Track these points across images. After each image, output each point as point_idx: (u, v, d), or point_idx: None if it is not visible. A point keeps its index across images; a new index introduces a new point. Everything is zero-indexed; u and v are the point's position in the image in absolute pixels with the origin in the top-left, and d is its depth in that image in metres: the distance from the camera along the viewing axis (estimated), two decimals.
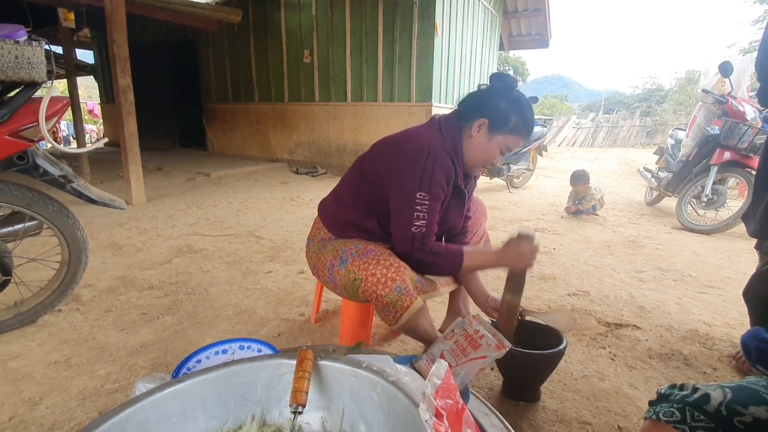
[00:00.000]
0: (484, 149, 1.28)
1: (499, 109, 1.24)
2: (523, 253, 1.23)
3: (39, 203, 1.57)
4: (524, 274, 1.28)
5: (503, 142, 1.27)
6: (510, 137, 1.26)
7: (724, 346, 1.72)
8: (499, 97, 1.25)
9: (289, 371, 0.82)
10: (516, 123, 1.24)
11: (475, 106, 1.28)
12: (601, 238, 3.35)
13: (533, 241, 1.23)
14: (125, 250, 2.71)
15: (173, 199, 4.29)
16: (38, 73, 1.34)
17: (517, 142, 1.28)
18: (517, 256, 1.24)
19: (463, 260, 1.26)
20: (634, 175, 7.01)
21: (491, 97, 1.26)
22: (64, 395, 1.31)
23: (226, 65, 7.39)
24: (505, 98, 1.25)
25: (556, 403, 1.33)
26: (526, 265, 1.24)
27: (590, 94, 78.99)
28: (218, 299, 2.03)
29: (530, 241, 1.23)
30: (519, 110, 1.24)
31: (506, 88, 1.27)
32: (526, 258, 1.23)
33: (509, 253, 1.25)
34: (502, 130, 1.25)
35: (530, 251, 1.23)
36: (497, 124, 1.25)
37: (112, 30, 3.76)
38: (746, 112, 3.49)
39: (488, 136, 1.27)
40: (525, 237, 1.24)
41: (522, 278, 1.29)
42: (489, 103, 1.26)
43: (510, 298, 1.30)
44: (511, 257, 1.25)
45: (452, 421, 0.66)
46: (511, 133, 1.26)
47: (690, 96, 17.48)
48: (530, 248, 1.23)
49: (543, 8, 8.51)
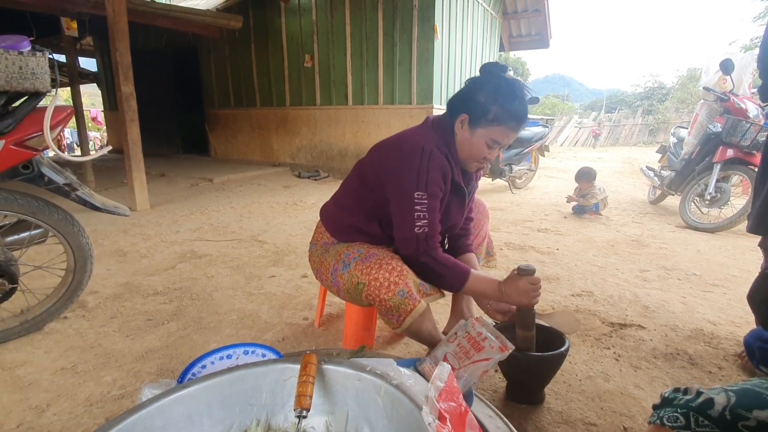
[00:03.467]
0: (468, 144, 1.27)
1: (477, 102, 1.22)
2: (524, 290, 1.20)
3: (44, 211, 1.59)
4: (531, 309, 1.24)
5: (487, 135, 1.24)
6: (493, 129, 1.23)
7: (729, 344, 1.71)
8: (476, 90, 1.24)
9: (294, 376, 0.83)
10: (496, 113, 1.21)
11: (458, 102, 1.28)
12: (604, 238, 3.34)
13: (533, 277, 1.21)
14: (130, 257, 2.73)
15: (177, 205, 4.31)
16: (42, 83, 1.36)
17: (504, 132, 1.23)
18: (522, 293, 1.20)
19: (467, 280, 1.25)
20: (636, 174, 6.99)
21: (470, 91, 1.25)
22: (71, 402, 1.32)
23: (228, 71, 7.43)
24: (482, 90, 1.22)
25: (560, 405, 1.33)
26: (531, 300, 1.21)
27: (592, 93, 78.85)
28: (222, 304, 2.04)
29: (530, 276, 1.20)
30: (499, 100, 1.20)
31: (484, 79, 1.24)
32: (528, 295, 1.20)
33: (513, 289, 1.21)
34: (482, 123, 1.23)
35: (531, 288, 1.20)
36: (476, 117, 1.23)
37: (114, 38, 3.80)
38: (748, 110, 3.48)
39: (470, 130, 1.26)
40: (525, 272, 1.21)
41: (530, 313, 1.25)
42: (467, 97, 1.25)
43: (523, 335, 1.27)
44: (513, 294, 1.21)
45: (455, 423, 0.66)
46: (493, 124, 1.22)
47: (692, 94, 17.42)
48: (531, 284, 1.20)
49: (542, 8, 8.53)
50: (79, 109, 5.48)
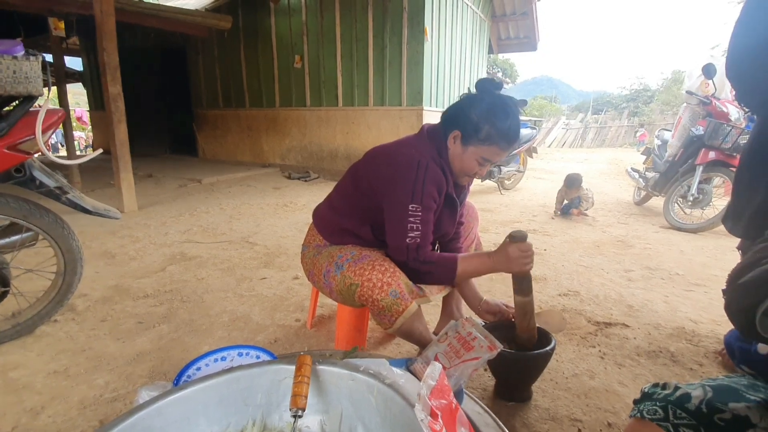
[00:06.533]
0: (460, 160, 1.28)
1: (470, 120, 1.23)
2: (515, 257, 1.20)
3: (35, 215, 1.58)
4: (527, 275, 1.25)
5: (477, 153, 1.25)
6: (483, 148, 1.24)
7: (709, 342, 1.77)
8: (470, 107, 1.24)
9: (289, 376, 0.85)
10: (488, 133, 1.21)
11: (452, 117, 1.29)
12: (590, 239, 3.41)
13: (526, 242, 1.21)
14: (119, 259, 2.71)
15: (165, 206, 4.28)
16: (35, 87, 1.36)
17: (494, 152, 1.24)
18: (512, 260, 1.20)
19: (457, 267, 1.25)
20: (622, 175, 7.11)
21: (463, 108, 1.26)
22: (64, 404, 1.32)
23: (217, 71, 7.39)
24: (475, 108, 1.23)
25: (547, 402, 1.37)
26: (523, 267, 1.21)
27: (579, 95, 79.74)
28: (213, 306, 2.04)
29: (523, 242, 1.21)
30: (491, 120, 1.21)
31: (478, 97, 1.25)
32: (522, 260, 1.20)
33: (504, 257, 1.21)
34: (473, 141, 1.24)
35: (524, 253, 1.20)
36: (468, 135, 1.24)
37: (102, 39, 3.76)
38: (730, 113, 3.58)
39: (462, 147, 1.26)
40: (517, 238, 1.21)
41: (527, 279, 1.25)
42: (461, 114, 1.26)
43: (520, 300, 1.28)
44: (507, 261, 1.21)
45: (447, 420, 0.69)
46: (484, 144, 1.23)
47: (676, 96, 17.77)
48: (524, 250, 1.20)
49: (530, 12, 8.62)
50: (66, 110, 5.40)
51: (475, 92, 1.30)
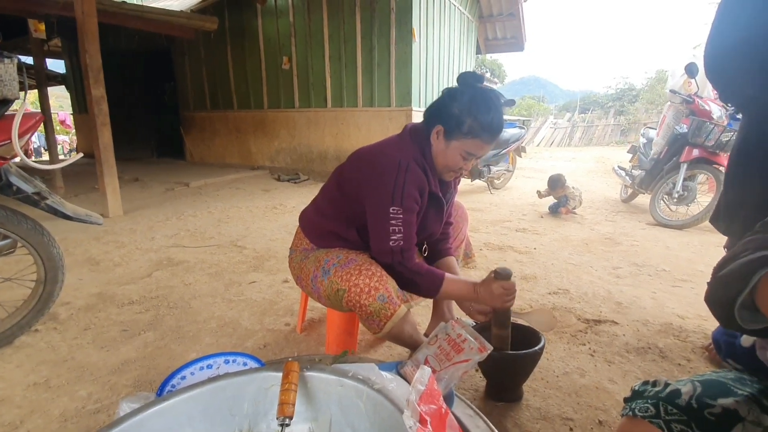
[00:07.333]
0: (443, 156, 1.27)
1: (452, 114, 1.22)
2: (498, 294, 1.21)
3: (12, 221, 1.54)
4: (507, 310, 1.27)
5: (461, 147, 1.24)
6: (467, 141, 1.23)
7: (697, 337, 1.79)
8: (451, 101, 1.23)
9: (276, 384, 0.83)
10: (471, 126, 1.20)
11: (434, 112, 1.28)
12: (579, 237, 3.44)
13: (510, 281, 1.22)
14: (103, 266, 2.65)
15: (152, 210, 4.21)
16: (11, 91, 1.32)
17: (477, 145, 1.23)
18: (495, 297, 1.22)
19: (442, 286, 1.26)
20: (609, 174, 7.19)
21: (445, 102, 1.25)
22: (45, 418, 1.28)
23: (203, 73, 7.31)
24: (457, 102, 1.22)
25: (539, 401, 1.37)
26: (504, 304, 1.23)
27: (565, 94, 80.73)
28: (201, 312, 2.01)
29: (507, 280, 1.22)
30: (473, 113, 1.20)
31: (459, 91, 1.24)
32: (503, 297, 1.22)
33: (487, 292, 1.23)
34: (456, 135, 1.23)
35: (506, 292, 1.21)
36: (451, 129, 1.23)
37: (84, 40, 3.69)
38: (712, 111, 3.64)
39: (445, 142, 1.25)
40: (502, 276, 1.22)
41: (505, 313, 1.28)
42: (443, 109, 1.25)
43: (497, 333, 1.30)
44: (489, 296, 1.23)
45: (436, 425, 0.68)
46: (467, 137, 1.22)
47: (660, 95, 18.04)
48: (507, 288, 1.21)
49: (517, 13, 8.69)
50: (47, 113, 5.30)
51: (456, 86, 1.29)
